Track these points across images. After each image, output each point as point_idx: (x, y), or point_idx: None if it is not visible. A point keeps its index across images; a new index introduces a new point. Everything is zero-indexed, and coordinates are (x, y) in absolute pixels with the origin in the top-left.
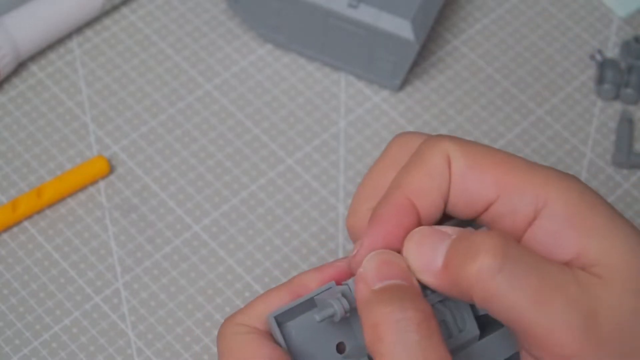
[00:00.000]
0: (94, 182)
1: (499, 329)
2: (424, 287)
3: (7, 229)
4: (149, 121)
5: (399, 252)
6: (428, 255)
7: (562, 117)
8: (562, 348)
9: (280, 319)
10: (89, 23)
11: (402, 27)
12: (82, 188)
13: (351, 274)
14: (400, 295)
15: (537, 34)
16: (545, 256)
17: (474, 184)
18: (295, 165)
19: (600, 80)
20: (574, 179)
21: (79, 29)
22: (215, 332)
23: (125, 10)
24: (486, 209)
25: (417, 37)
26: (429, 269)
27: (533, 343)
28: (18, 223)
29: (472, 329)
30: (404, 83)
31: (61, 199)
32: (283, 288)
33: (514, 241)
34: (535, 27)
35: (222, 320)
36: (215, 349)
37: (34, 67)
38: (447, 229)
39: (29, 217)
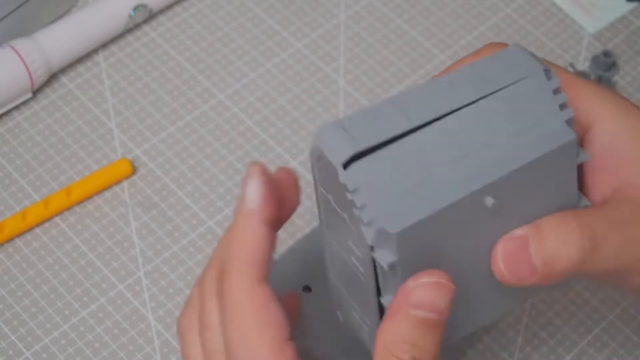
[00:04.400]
0: (118, 182)
1: None
2: None
3: (40, 224)
4: (167, 127)
5: None
6: (522, 268)
7: None
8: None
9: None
10: (114, 39)
11: None
12: (108, 187)
13: None
14: (430, 331)
15: None
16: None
17: None
18: (299, 167)
19: None
20: (624, 101)
21: (104, 45)
22: None
23: (146, 27)
24: None
25: None
26: (526, 277)
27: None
28: (49, 219)
29: None
30: None
31: (89, 197)
32: None
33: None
34: (514, 43)
35: None
36: None
37: (64, 79)
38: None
39: (59, 213)
